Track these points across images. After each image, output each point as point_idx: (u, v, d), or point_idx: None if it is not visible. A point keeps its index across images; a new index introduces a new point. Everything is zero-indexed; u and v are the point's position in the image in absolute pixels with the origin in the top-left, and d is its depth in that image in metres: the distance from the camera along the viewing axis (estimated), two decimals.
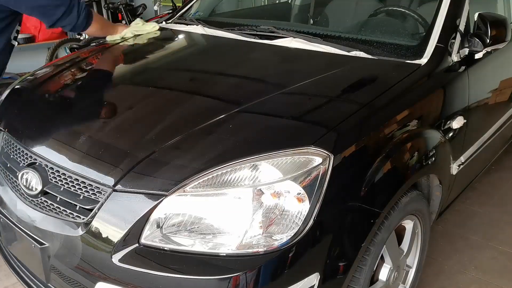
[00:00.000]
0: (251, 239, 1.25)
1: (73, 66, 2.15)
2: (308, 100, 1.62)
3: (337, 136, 1.39)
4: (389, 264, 1.69)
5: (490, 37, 1.84)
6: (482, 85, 2.12)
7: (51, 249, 1.44)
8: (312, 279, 1.31)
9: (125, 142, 1.47)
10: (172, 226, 1.28)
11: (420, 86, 1.72)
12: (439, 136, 1.76)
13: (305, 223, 1.26)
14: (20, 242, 1.55)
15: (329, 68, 1.80)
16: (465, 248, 2.44)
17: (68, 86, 2.00)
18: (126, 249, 1.29)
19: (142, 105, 1.70)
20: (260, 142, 1.37)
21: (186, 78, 1.94)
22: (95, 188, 1.37)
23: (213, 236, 1.27)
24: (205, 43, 2.30)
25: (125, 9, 5.18)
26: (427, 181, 1.87)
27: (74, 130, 1.60)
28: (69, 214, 1.41)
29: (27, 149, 1.58)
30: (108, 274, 1.31)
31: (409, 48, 1.88)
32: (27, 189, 1.50)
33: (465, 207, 2.80)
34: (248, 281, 1.22)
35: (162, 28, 2.50)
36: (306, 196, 1.27)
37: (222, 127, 1.46)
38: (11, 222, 1.57)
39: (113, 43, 2.37)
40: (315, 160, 1.30)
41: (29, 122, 1.77)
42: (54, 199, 1.46)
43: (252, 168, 1.29)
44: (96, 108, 1.74)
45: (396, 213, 1.56)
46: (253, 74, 1.92)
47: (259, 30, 2.16)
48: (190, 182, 1.28)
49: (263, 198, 1.26)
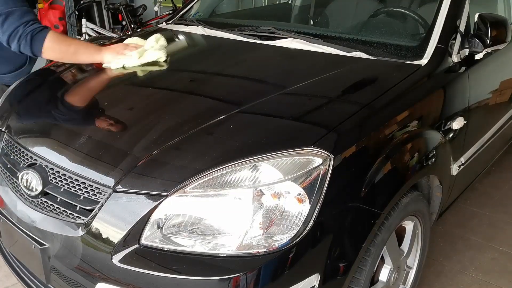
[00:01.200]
0: (251, 240, 1.25)
1: (73, 67, 2.15)
2: (308, 100, 1.62)
3: (337, 137, 1.39)
4: (389, 264, 1.69)
5: (491, 38, 1.84)
6: (483, 86, 2.12)
7: (51, 250, 1.44)
8: (313, 279, 1.31)
9: (125, 143, 1.47)
10: (173, 226, 1.28)
11: (420, 87, 1.72)
12: (439, 137, 1.76)
13: (306, 223, 1.26)
14: (20, 242, 1.55)
15: (329, 68, 1.80)
16: (465, 248, 2.43)
17: (68, 86, 2.00)
18: (126, 249, 1.28)
19: (142, 105, 1.70)
20: (260, 143, 1.37)
21: (186, 79, 1.94)
22: (95, 188, 1.37)
23: (213, 237, 1.26)
24: (205, 43, 2.30)
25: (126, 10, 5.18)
26: (428, 182, 1.87)
27: (74, 131, 1.61)
28: (69, 214, 1.41)
29: (28, 149, 1.58)
30: (108, 274, 1.31)
31: (409, 48, 1.88)
32: (27, 190, 1.50)
33: (466, 207, 2.80)
34: (248, 282, 1.22)
35: (160, 28, 2.50)
36: (306, 197, 1.27)
37: (222, 128, 1.46)
38: (11, 222, 1.57)
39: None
40: (315, 161, 1.30)
41: (29, 123, 1.78)
42: (54, 199, 1.46)
43: (253, 168, 1.29)
44: (96, 108, 1.74)
45: (396, 214, 1.56)
46: (253, 74, 1.92)
47: (259, 31, 2.16)
48: (190, 182, 1.28)
49: (263, 198, 1.26)
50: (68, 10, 5.21)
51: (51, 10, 5.10)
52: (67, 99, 1.88)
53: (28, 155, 1.57)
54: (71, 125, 1.66)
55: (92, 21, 5.42)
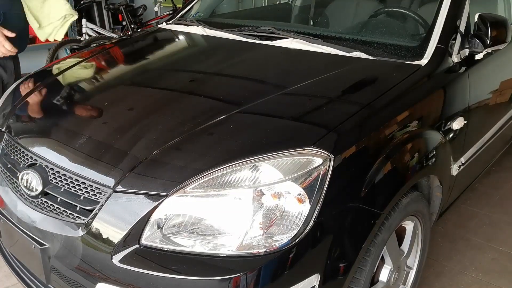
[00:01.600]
0: (251, 240, 1.25)
1: (74, 67, 2.15)
2: (309, 101, 1.62)
3: (337, 137, 1.39)
4: (389, 265, 1.69)
5: (491, 38, 1.84)
6: (483, 86, 2.12)
7: (51, 250, 1.44)
8: (313, 280, 1.31)
9: (126, 143, 1.46)
10: (173, 227, 1.28)
11: (421, 87, 1.72)
12: (440, 137, 1.76)
13: (306, 224, 1.26)
14: (20, 242, 1.55)
15: (329, 69, 1.80)
16: (465, 249, 2.43)
17: (69, 86, 2.00)
18: (126, 249, 1.29)
19: (142, 105, 1.70)
20: (260, 143, 1.37)
21: (187, 79, 1.94)
22: (95, 189, 1.37)
23: (213, 237, 1.26)
24: (205, 44, 2.30)
25: (126, 10, 5.18)
26: (428, 182, 1.87)
27: (74, 131, 1.60)
28: (69, 214, 1.41)
29: (28, 149, 1.58)
30: (109, 274, 1.31)
31: (410, 49, 1.88)
32: (27, 190, 1.50)
33: (466, 208, 2.80)
34: (249, 282, 1.22)
35: (160, 28, 2.51)
36: (306, 197, 1.27)
37: (223, 128, 1.46)
38: (11, 222, 1.57)
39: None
40: (316, 161, 1.30)
41: (29, 123, 1.78)
42: (54, 200, 1.46)
43: (253, 169, 1.29)
44: (96, 108, 1.74)
45: (397, 214, 1.56)
46: (253, 75, 1.92)
47: (259, 31, 2.16)
48: (190, 183, 1.28)
49: (264, 199, 1.26)
50: None
51: None
52: (67, 99, 1.88)
53: (28, 155, 1.57)
54: (71, 125, 1.66)
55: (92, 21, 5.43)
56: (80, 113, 1.75)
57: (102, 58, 2.30)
